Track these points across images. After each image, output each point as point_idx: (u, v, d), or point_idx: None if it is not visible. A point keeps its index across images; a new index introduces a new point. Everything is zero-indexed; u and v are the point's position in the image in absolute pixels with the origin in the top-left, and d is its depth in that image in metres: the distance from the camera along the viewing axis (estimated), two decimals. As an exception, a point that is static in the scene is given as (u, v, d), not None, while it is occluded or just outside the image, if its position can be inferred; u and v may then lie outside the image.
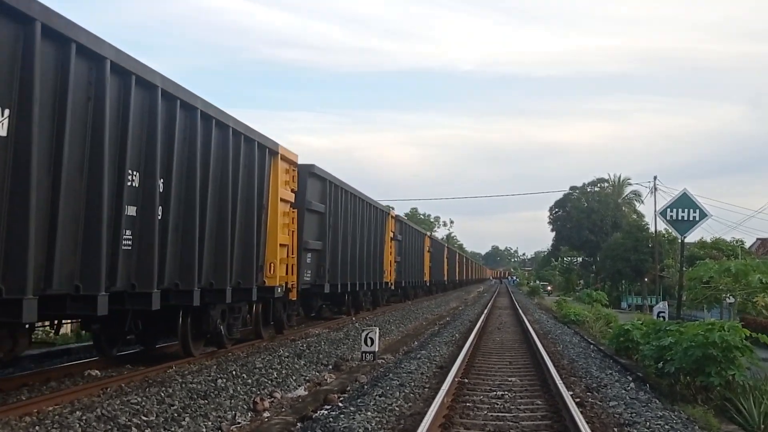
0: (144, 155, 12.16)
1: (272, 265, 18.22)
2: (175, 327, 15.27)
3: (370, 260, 32.06)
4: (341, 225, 26.72)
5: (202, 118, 14.10)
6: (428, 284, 60.93)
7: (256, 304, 19.07)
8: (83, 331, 18.19)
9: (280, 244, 18.80)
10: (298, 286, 20.82)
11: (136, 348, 16.69)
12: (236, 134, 15.83)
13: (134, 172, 11.89)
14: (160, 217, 12.53)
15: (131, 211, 11.81)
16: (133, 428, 9.71)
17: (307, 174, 22.34)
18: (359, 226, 30.22)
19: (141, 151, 12.10)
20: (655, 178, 55.00)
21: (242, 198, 16.19)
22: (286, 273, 19.62)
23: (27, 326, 11.58)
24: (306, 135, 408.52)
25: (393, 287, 39.55)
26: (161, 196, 12.65)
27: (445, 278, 75.86)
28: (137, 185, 11.99)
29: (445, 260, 73.54)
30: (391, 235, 37.67)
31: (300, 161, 21.29)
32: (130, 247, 11.77)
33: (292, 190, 20.18)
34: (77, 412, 10.02)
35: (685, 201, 22.24)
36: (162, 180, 12.69)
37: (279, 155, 18.59)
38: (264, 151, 17.66)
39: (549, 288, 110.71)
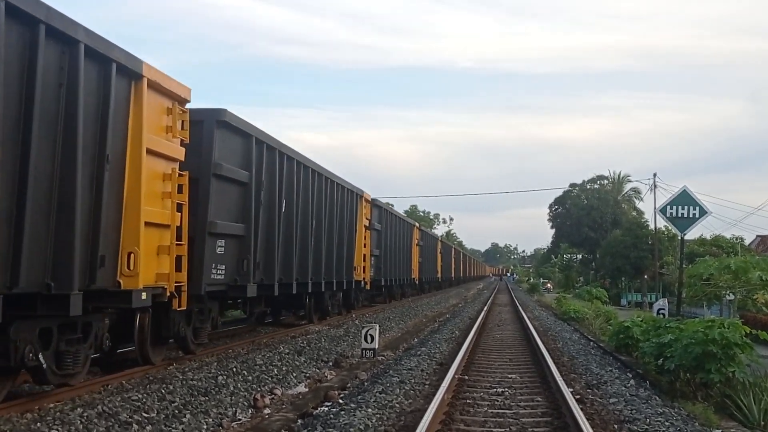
0: None
1: (132, 256, 11.23)
2: None
3: (333, 253, 24.29)
4: (281, 203, 18.78)
5: None
6: (417, 282, 52.37)
7: (141, 316, 12.99)
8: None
9: (149, 223, 11.78)
10: (198, 288, 14.27)
11: None
12: (27, 21, 9.04)
13: None
14: None
15: None
16: (134, 425, 9.71)
17: (215, 124, 14.74)
18: (314, 206, 22.20)
19: None
20: (654, 175, 54.97)
21: (49, 137, 9.57)
22: (170, 269, 12.57)
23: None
24: (305, 131, 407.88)
25: (368, 286, 31.16)
26: None
27: (439, 275, 68.95)
28: None
29: (439, 255, 67.64)
30: (366, 223, 29.58)
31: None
32: None
33: (182, 143, 13.09)
34: (78, 409, 10.01)
35: (684, 198, 22.28)
36: None
37: (145, 80, 11.55)
38: (108, 66, 10.64)
39: (548, 285, 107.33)
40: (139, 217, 11.42)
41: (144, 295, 11.54)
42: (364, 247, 30.13)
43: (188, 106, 13.25)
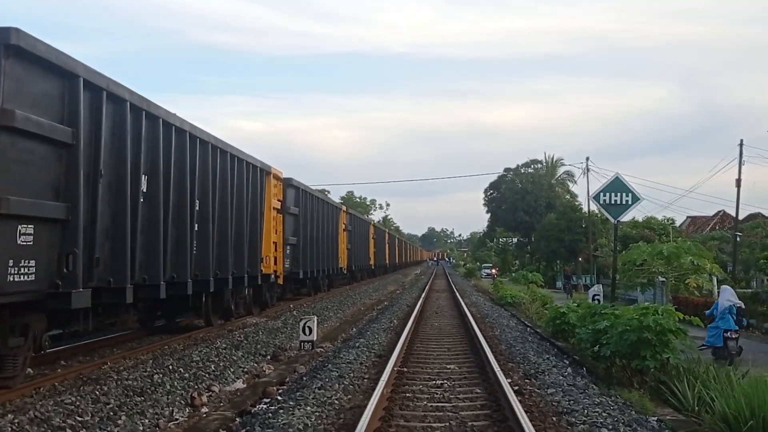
0: None
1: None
2: None
3: (227, 243, 19.93)
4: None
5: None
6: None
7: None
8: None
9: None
10: None
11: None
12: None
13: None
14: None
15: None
16: (67, 429, 9.51)
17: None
18: (196, 184, 17.62)
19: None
20: (587, 159, 55.64)
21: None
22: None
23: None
24: (240, 119, 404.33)
25: (280, 280, 27.51)
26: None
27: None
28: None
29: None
30: (277, 205, 26.44)
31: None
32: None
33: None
34: (9, 415, 9.76)
35: (617, 185, 22.54)
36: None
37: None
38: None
39: (493, 271, 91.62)
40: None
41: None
42: (275, 233, 26.23)
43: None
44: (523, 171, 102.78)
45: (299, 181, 31.49)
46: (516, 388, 12.13)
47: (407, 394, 12.03)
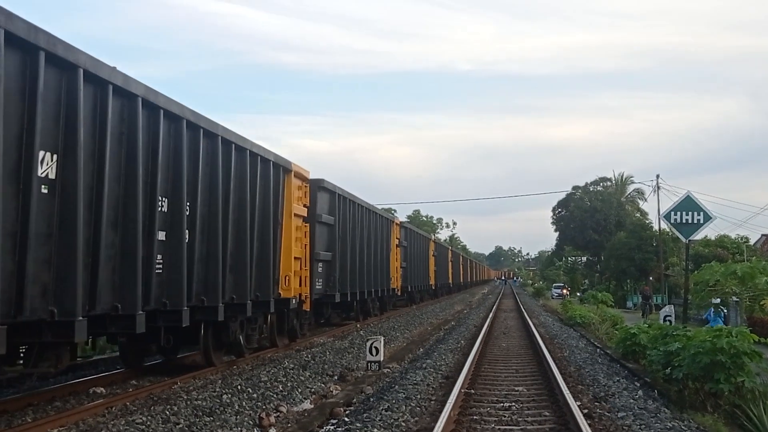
0: None
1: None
2: None
3: (220, 259, 14.72)
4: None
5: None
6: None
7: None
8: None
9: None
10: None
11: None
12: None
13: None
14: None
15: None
16: (138, 450, 9.62)
17: None
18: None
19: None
20: (657, 176, 54.82)
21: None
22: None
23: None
24: (306, 138, 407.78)
25: (307, 306, 21.91)
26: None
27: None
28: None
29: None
30: (302, 212, 21.12)
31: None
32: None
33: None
34: (82, 435, 9.94)
35: (688, 204, 22.13)
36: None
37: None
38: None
39: (564, 291, 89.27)
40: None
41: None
42: (302, 247, 21.33)
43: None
44: (591, 189, 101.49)
45: (334, 184, 25.62)
46: (585, 411, 11.95)
47: (475, 417, 11.93)
